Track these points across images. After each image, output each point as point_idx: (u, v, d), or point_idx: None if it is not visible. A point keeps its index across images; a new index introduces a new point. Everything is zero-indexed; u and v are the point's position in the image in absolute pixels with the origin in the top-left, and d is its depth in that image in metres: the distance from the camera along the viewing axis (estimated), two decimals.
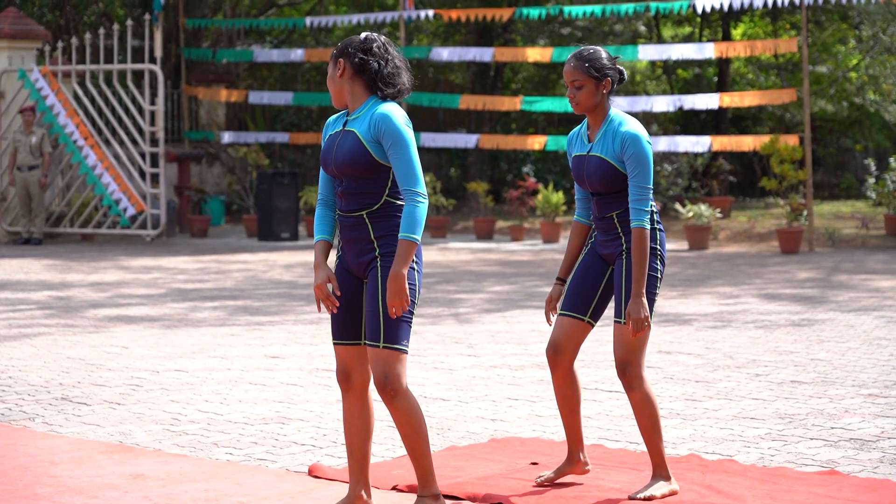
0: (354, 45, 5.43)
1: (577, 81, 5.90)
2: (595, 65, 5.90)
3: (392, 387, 5.31)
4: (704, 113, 30.26)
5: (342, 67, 5.44)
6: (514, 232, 22.46)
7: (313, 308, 13.06)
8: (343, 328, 5.51)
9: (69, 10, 26.88)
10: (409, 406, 5.36)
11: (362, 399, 5.54)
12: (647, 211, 5.80)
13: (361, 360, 5.52)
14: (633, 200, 5.79)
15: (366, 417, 5.55)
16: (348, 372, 5.51)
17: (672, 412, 7.76)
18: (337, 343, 5.53)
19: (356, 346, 5.51)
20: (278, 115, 30.25)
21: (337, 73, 5.45)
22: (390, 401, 5.33)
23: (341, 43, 5.51)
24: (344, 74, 5.44)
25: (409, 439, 5.39)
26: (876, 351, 10.06)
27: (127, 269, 17.36)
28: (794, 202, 19.82)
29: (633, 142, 5.84)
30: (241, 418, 7.68)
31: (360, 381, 5.52)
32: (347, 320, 5.50)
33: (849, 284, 15.06)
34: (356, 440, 5.55)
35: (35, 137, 21.35)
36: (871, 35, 26.50)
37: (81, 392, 8.52)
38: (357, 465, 5.56)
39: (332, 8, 31.87)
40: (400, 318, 5.33)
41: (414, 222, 5.27)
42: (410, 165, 5.32)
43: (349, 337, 5.51)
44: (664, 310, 12.79)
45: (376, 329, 5.34)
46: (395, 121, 5.33)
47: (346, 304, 5.50)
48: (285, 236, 22.34)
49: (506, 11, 23.09)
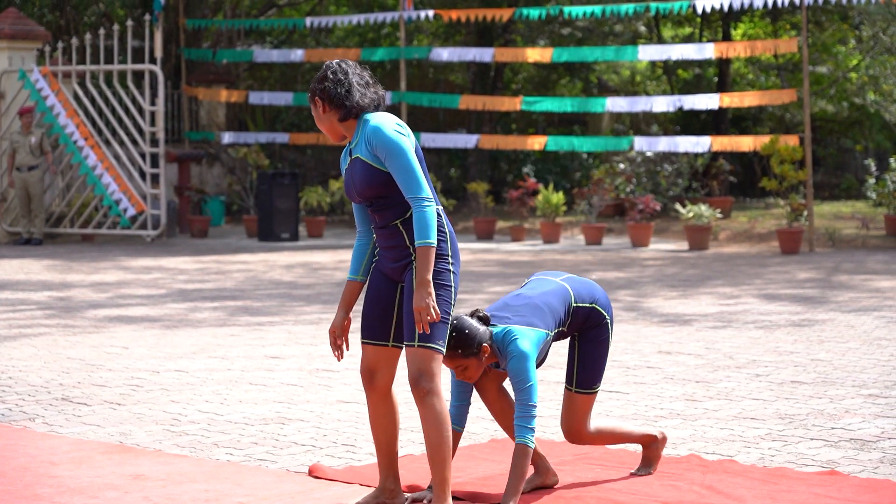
0: (316, 80, 5.53)
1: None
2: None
3: (425, 385, 5.34)
4: (705, 113, 30.25)
5: (319, 105, 5.52)
6: (515, 232, 22.46)
7: (313, 308, 13.06)
8: (372, 328, 5.57)
9: (69, 11, 26.89)
10: (440, 408, 5.37)
11: (387, 398, 5.60)
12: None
13: (387, 361, 5.57)
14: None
15: (391, 415, 5.62)
16: (373, 371, 5.56)
17: (672, 412, 7.76)
18: (365, 342, 5.59)
19: (383, 348, 5.56)
20: (278, 115, 30.25)
21: (319, 112, 5.53)
22: (422, 398, 5.35)
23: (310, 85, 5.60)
24: (325, 110, 5.51)
25: (433, 442, 5.38)
26: (876, 351, 10.06)
27: (127, 269, 17.36)
28: (794, 202, 19.82)
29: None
30: (242, 419, 7.68)
31: (383, 381, 5.57)
32: (378, 320, 5.56)
33: (849, 285, 15.05)
34: (383, 437, 5.63)
35: (34, 137, 21.35)
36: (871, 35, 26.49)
37: (82, 392, 8.51)
38: (385, 461, 5.65)
39: (333, 8, 31.87)
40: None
41: (425, 227, 5.31)
42: (408, 173, 5.35)
43: (378, 337, 5.56)
44: (664, 309, 12.80)
45: (412, 328, 5.37)
46: (384, 131, 5.38)
47: (379, 305, 5.56)
48: (285, 237, 22.33)
49: (506, 12, 23.08)
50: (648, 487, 5.97)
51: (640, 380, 8.89)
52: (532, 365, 5.62)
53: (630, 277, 16.12)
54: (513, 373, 5.60)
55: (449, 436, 5.41)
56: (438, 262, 5.43)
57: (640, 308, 13.04)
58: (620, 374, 9.11)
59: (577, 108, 23.47)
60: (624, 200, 23.62)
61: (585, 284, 6.02)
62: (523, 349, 5.62)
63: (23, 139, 21.38)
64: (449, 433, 5.41)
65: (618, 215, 25.17)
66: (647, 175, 24.49)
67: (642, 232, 21.05)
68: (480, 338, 5.64)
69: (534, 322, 5.75)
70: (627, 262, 18.42)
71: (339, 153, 30.87)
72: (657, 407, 7.93)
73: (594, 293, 5.99)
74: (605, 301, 6.01)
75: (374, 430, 5.64)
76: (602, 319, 5.97)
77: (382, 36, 31.71)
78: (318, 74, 5.54)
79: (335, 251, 20.33)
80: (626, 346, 10.42)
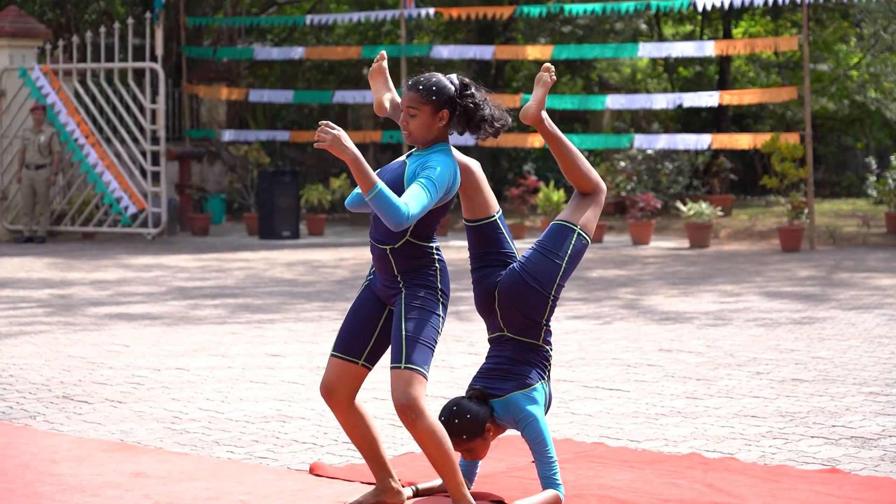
0: (447, 89, 5.43)
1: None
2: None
3: (413, 410, 5.27)
4: (705, 111, 30.23)
5: (444, 116, 5.43)
6: (515, 230, 22.45)
7: (315, 306, 13.06)
8: (347, 343, 5.54)
9: (70, 9, 26.87)
10: (432, 427, 5.31)
11: (352, 409, 5.56)
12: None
13: (350, 378, 5.52)
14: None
15: (363, 423, 5.58)
16: (333, 388, 5.51)
17: (673, 410, 7.76)
18: (334, 355, 5.55)
19: (351, 364, 5.52)
20: (279, 113, 30.24)
21: (435, 118, 5.42)
22: (412, 424, 5.28)
23: (436, 87, 5.43)
24: (443, 120, 5.44)
25: (436, 459, 5.35)
26: (877, 349, 10.06)
27: (128, 267, 17.36)
28: (795, 200, 19.81)
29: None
30: (242, 416, 7.68)
31: (344, 397, 5.53)
32: (355, 336, 5.53)
33: (850, 282, 15.05)
34: (364, 444, 5.61)
35: (44, 136, 21.36)
36: (872, 33, 26.48)
37: (82, 390, 8.52)
38: (375, 465, 5.64)
39: (333, 6, 31.84)
40: (423, 343, 5.34)
41: (386, 202, 5.10)
42: (419, 196, 5.24)
43: (350, 353, 5.53)
44: (665, 307, 12.80)
45: (399, 351, 5.33)
46: (439, 165, 5.34)
47: (361, 322, 5.53)
48: (286, 234, 22.33)
49: (506, 9, 23.07)
50: (649, 485, 5.97)
51: (640, 378, 8.90)
52: (543, 422, 5.63)
53: (631, 275, 16.12)
54: (530, 438, 5.62)
55: (448, 445, 5.37)
56: (428, 292, 5.42)
57: (641, 306, 13.04)
58: (621, 372, 9.11)
59: (577, 106, 23.47)
60: (625, 198, 23.61)
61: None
62: (532, 413, 5.63)
63: (33, 137, 21.39)
64: (448, 442, 5.36)
65: (618, 213, 25.16)
66: (647, 173, 24.48)
67: (643, 230, 21.05)
68: (482, 419, 5.61)
69: (527, 380, 5.72)
70: (628, 259, 18.42)
71: None
72: (658, 405, 7.93)
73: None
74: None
75: (353, 440, 5.62)
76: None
77: (383, 34, 31.69)
78: (441, 83, 5.43)
79: (336, 249, 20.33)
80: (627, 344, 10.42)
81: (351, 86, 30.67)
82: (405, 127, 5.44)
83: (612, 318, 12.13)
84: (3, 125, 22.21)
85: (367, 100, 24.54)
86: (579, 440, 6.98)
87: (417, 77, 5.47)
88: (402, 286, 5.41)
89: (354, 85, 30.79)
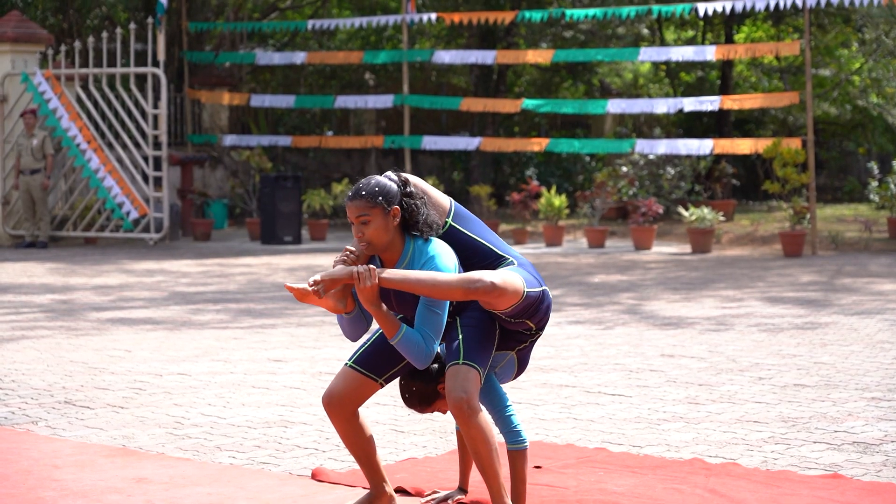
0: (390, 190, 5.32)
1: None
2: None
3: (469, 405, 5.23)
4: (707, 116, 30.27)
5: (396, 214, 5.34)
6: (517, 235, 22.45)
7: (316, 311, 13.04)
8: (371, 359, 5.51)
9: (72, 14, 26.90)
10: (485, 426, 5.28)
11: (352, 420, 5.53)
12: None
13: (361, 392, 5.50)
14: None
15: (361, 433, 5.56)
16: (339, 397, 5.48)
17: (675, 415, 7.76)
18: (353, 367, 5.51)
19: (367, 380, 5.49)
20: (281, 118, 30.27)
21: (389, 220, 5.33)
22: (466, 420, 5.25)
23: (379, 187, 5.33)
24: (394, 220, 5.34)
25: (483, 458, 5.31)
26: (879, 354, 10.06)
27: (130, 272, 17.36)
28: (796, 205, 19.81)
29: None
30: (244, 422, 7.68)
31: (350, 408, 5.51)
32: (383, 356, 5.50)
33: (852, 288, 15.05)
34: (360, 453, 5.59)
35: (36, 140, 21.36)
36: (873, 38, 26.49)
37: (84, 395, 8.52)
38: (369, 472, 5.61)
39: (335, 11, 31.88)
40: (481, 344, 5.33)
41: (413, 345, 5.22)
42: (434, 322, 5.27)
43: (371, 369, 5.50)
44: (667, 312, 12.80)
45: (456, 350, 5.31)
46: (436, 263, 5.31)
47: (391, 348, 5.48)
48: (288, 240, 22.33)
49: (508, 14, 23.10)
50: (651, 490, 5.97)
51: (642, 383, 8.89)
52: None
53: (633, 280, 16.11)
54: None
55: (496, 448, 5.33)
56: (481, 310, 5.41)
57: (643, 311, 13.04)
58: (623, 378, 9.11)
59: (578, 110, 23.50)
60: (627, 203, 23.62)
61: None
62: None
63: (26, 142, 21.40)
64: (495, 445, 5.33)
65: (620, 218, 25.17)
66: (649, 178, 24.49)
67: (645, 235, 21.05)
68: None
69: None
70: (630, 265, 18.42)
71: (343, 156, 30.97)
72: (660, 410, 7.93)
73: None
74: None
75: (349, 448, 5.59)
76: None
77: (385, 39, 31.72)
78: (382, 183, 5.32)
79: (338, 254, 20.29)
80: (629, 350, 10.42)
81: (353, 91, 30.70)
82: (361, 238, 5.32)
83: (614, 323, 12.12)
84: (4, 130, 22.22)
85: (368, 105, 24.56)
86: (581, 445, 6.97)
87: (355, 187, 5.35)
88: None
89: (356, 90, 30.82)
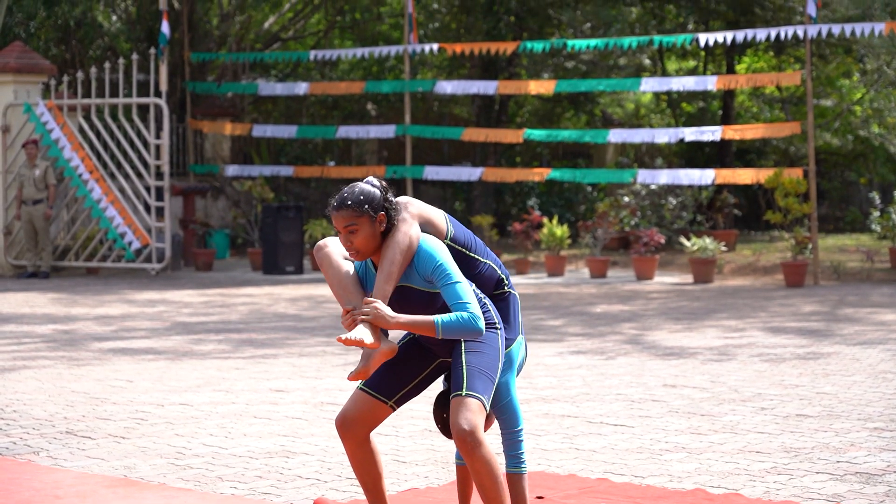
0: (373, 197, 5.34)
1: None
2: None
3: (473, 437, 5.21)
4: (709, 146, 30.30)
5: (382, 220, 5.35)
6: (519, 265, 22.45)
7: (318, 341, 13.04)
8: (382, 382, 5.49)
9: (75, 45, 26.98)
10: (489, 457, 5.25)
11: (364, 444, 5.51)
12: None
13: (374, 416, 5.49)
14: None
15: (371, 458, 5.54)
16: (352, 421, 5.46)
17: (677, 446, 7.74)
18: (364, 391, 5.50)
19: (379, 403, 5.48)
20: (283, 148, 30.31)
21: (375, 227, 5.34)
22: (470, 452, 5.22)
23: (363, 195, 5.35)
24: (381, 225, 5.36)
25: (488, 491, 5.28)
26: (882, 384, 10.04)
27: (132, 302, 17.36)
28: (798, 235, 19.82)
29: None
30: (246, 452, 7.67)
31: (362, 431, 5.49)
32: (394, 377, 5.49)
33: (854, 318, 15.04)
34: (368, 479, 5.57)
35: (38, 170, 21.39)
36: (875, 68, 26.54)
37: (86, 426, 8.51)
38: (376, 499, 5.60)
39: (337, 42, 31.96)
40: (484, 373, 5.32)
41: (457, 325, 5.23)
42: (455, 288, 5.30)
43: (381, 391, 5.49)
44: (669, 343, 12.78)
45: (459, 380, 5.30)
46: (434, 258, 5.34)
47: (403, 367, 5.49)
48: (290, 270, 22.34)
49: (510, 45, 23.15)
50: None
51: (644, 413, 8.88)
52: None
53: (634, 310, 16.11)
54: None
55: (502, 480, 5.31)
56: (487, 328, 5.41)
57: (645, 341, 13.03)
58: (625, 408, 9.09)
59: (579, 139, 23.55)
60: (629, 233, 23.62)
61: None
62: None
63: (28, 172, 21.43)
64: (502, 478, 5.30)
65: (622, 248, 25.17)
66: (651, 208, 24.50)
67: (647, 265, 21.05)
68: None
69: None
70: (632, 295, 18.41)
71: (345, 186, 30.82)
72: (662, 440, 7.92)
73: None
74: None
75: (357, 473, 5.57)
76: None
77: (387, 69, 31.79)
78: (367, 191, 5.33)
79: None
80: (631, 380, 10.40)
81: (355, 121, 30.76)
82: (350, 247, 5.32)
83: (616, 353, 12.11)
84: (7, 160, 22.25)
85: (370, 135, 24.60)
86: (584, 476, 6.96)
87: (339, 196, 5.35)
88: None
89: (358, 120, 30.87)
